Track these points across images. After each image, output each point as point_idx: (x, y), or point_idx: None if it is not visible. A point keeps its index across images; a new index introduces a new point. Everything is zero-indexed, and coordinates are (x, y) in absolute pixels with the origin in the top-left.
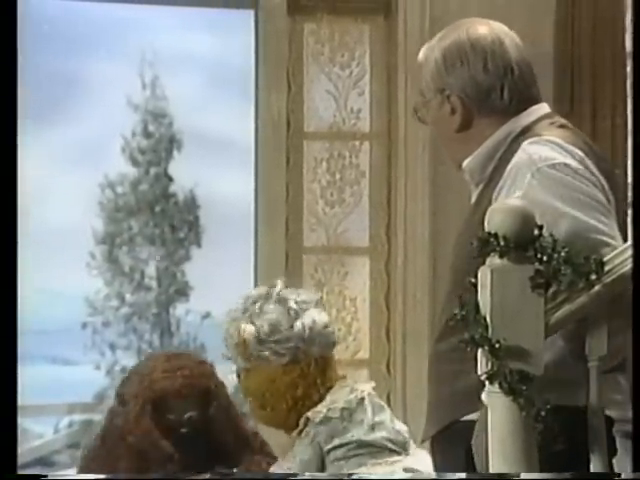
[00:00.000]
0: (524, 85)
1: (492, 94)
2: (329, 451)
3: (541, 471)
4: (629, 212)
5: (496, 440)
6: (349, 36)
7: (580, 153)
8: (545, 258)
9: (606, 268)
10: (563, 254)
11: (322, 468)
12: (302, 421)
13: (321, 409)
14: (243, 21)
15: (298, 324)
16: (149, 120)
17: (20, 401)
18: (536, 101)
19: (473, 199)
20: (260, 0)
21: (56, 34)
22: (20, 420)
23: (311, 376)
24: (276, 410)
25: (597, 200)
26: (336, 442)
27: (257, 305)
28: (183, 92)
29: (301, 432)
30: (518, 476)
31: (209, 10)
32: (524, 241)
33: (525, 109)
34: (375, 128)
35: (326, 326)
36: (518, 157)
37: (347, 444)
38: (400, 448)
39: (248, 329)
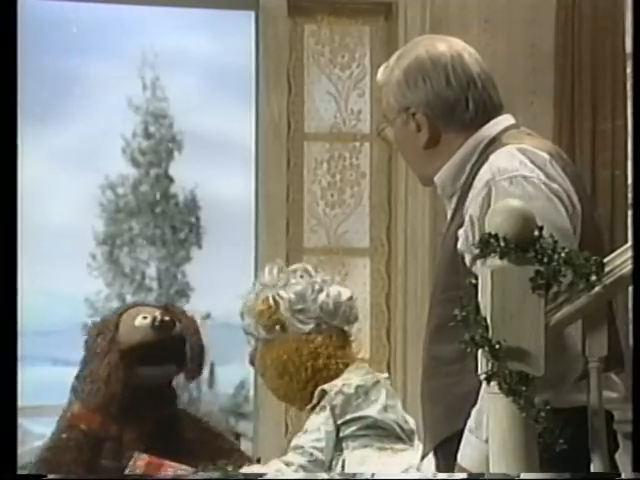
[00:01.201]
0: (487, 96)
1: (457, 108)
2: (340, 425)
3: (541, 471)
4: (629, 212)
5: (496, 440)
6: (349, 37)
7: (546, 156)
8: (545, 259)
9: (606, 269)
10: (563, 255)
11: (337, 442)
12: (317, 393)
13: (337, 383)
14: (244, 22)
15: (322, 295)
16: (150, 121)
17: (22, 402)
18: (499, 111)
19: (448, 215)
20: (261, 1)
21: (57, 35)
22: (21, 421)
23: (332, 347)
24: (294, 380)
25: (549, 220)
26: (348, 417)
27: (283, 277)
28: (184, 93)
29: (315, 406)
30: (518, 476)
31: (210, 11)
32: (524, 242)
33: (490, 120)
34: (375, 129)
35: (350, 298)
36: (483, 170)
37: (359, 419)
38: (406, 437)
39: (278, 296)
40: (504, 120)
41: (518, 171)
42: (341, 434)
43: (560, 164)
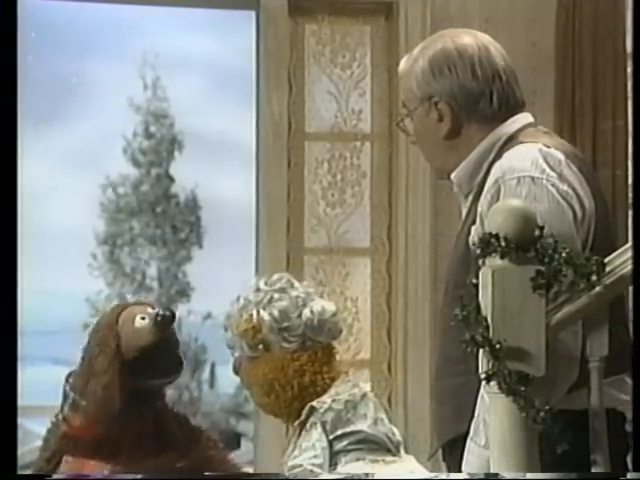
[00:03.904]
0: (511, 91)
1: (481, 100)
2: (332, 440)
3: (542, 472)
4: (629, 212)
5: (497, 441)
6: (350, 37)
7: (561, 156)
8: (546, 259)
9: (607, 269)
10: (564, 255)
11: (330, 457)
12: (306, 410)
13: (326, 399)
14: (244, 22)
15: (306, 312)
16: (150, 121)
17: (23, 402)
18: (522, 108)
19: (463, 213)
20: (261, 1)
21: (58, 36)
22: (22, 421)
23: (318, 364)
24: (281, 398)
25: (551, 223)
26: (339, 432)
27: (266, 293)
28: (184, 93)
29: (304, 422)
30: (524, 476)
31: (210, 11)
32: (525, 242)
33: (512, 116)
34: (376, 129)
35: (334, 314)
36: (495, 167)
37: (351, 434)
38: (395, 449)
39: (261, 316)
40: (523, 118)
41: (527, 171)
42: (333, 449)
43: (576, 164)
